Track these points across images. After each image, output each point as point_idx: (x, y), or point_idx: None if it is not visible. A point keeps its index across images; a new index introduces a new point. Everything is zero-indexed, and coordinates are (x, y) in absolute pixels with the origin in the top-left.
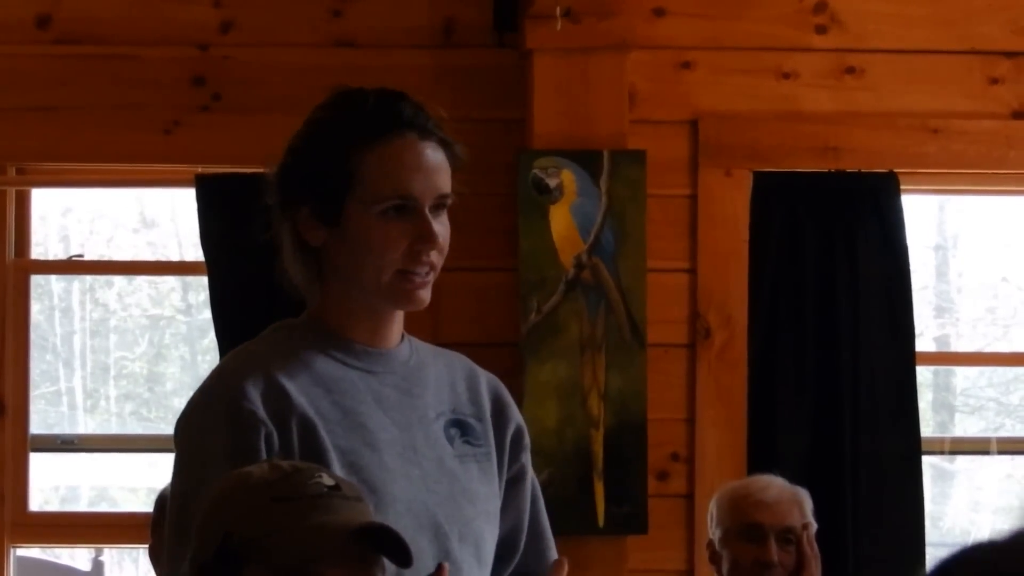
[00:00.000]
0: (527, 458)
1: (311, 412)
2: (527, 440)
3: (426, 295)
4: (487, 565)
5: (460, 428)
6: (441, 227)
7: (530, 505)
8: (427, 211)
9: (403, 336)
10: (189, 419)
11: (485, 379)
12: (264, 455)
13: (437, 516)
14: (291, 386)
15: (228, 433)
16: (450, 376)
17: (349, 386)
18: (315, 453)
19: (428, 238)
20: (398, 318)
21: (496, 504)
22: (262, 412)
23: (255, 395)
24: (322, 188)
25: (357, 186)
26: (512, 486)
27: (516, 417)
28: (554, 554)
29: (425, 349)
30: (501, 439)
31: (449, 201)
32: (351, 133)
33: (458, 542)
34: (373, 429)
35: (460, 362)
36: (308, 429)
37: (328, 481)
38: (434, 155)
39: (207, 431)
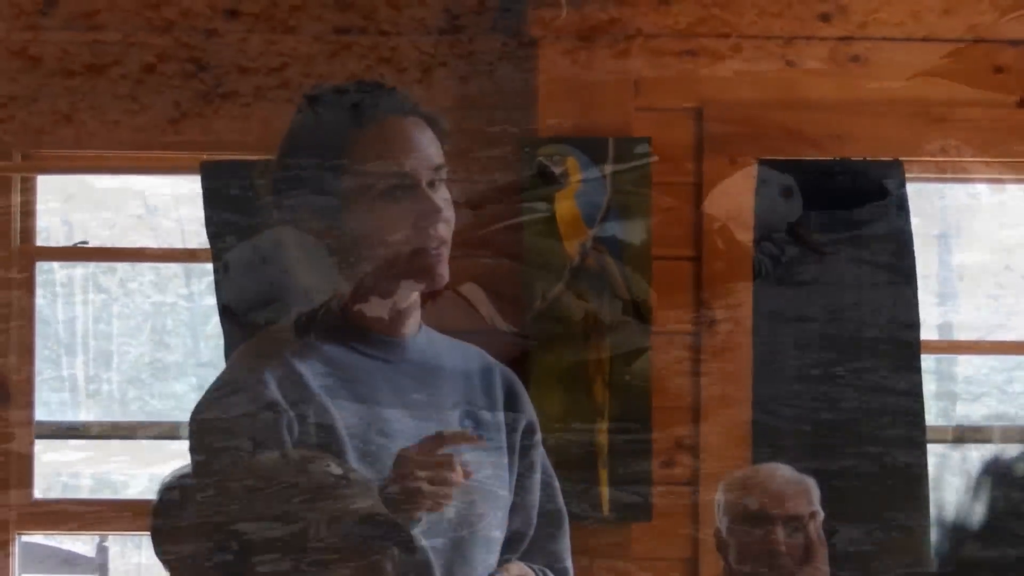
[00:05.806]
0: (537, 455)
1: (327, 400)
2: (538, 436)
3: (444, 271)
4: (495, 560)
5: (474, 421)
6: (443, 201)
7: (540, 493)
8: (425, 187)
9: (420, 326)
10: (209, 411)
11: (499, 372)
12: (288, 444)
13: (448, 509)
14: (308, 373)
15: (251, 424)
16: (465, 368)
17: (365, 375)
18: (330, 441)
19: (431, 213)
20: (415, 307)
21: (505, 498)
22: (283, 401)
23: (273, 383)
24: (320, 180)
25: (354, 173)
26: (521, 481)
27: (528, 412)
28: (561, 543)
29: (442, 340)
30: (512, 434)
31: (445, 174)
32: (339, 123)
33: (470, 536)
34: (388, 419)
35: (475, 354)
36: (324, 417)
37: (335, 470)
38: (420, 133)
39: (228, 423)
